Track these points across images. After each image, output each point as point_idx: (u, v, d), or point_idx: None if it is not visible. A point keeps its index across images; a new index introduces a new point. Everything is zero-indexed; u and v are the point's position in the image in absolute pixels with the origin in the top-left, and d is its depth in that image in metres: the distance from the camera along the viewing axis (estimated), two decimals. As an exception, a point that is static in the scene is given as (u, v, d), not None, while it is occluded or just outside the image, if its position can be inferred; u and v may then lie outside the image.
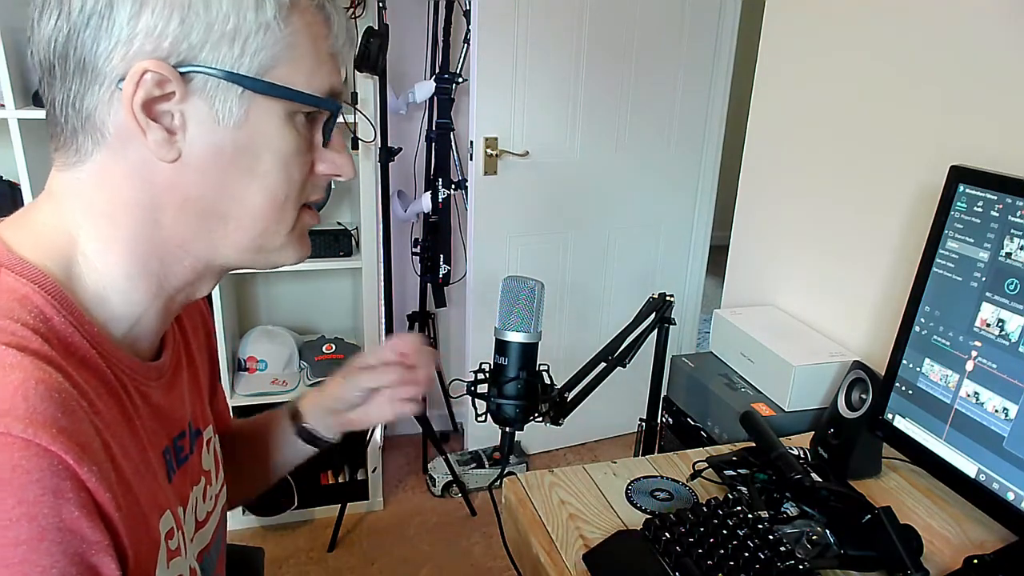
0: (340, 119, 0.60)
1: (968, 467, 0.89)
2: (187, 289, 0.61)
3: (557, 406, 0.94)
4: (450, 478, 2.45)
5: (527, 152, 2.36)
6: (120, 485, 0.50)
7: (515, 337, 0.83)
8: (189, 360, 0.72)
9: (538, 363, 0.87)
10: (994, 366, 0.86)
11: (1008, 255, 0.85)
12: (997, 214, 0.87)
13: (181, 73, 0.51)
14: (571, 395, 1.00)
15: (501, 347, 0.84)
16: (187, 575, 0.61)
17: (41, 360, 0.47)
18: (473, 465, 2.54)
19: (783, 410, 1.30)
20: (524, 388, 0.85)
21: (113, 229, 0.55)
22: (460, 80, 2.36)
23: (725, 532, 0.85)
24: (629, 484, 1.05)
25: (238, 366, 2.22)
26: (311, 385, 2.20)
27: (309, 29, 0.55)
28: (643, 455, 1.18)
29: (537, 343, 0.85)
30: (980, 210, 0.89)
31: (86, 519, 0.45)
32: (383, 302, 2.41)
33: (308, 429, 0.88)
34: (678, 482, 1.06)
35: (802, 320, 1.52)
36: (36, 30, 0.53)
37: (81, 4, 0.50)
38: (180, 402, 0.67)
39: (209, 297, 0.78)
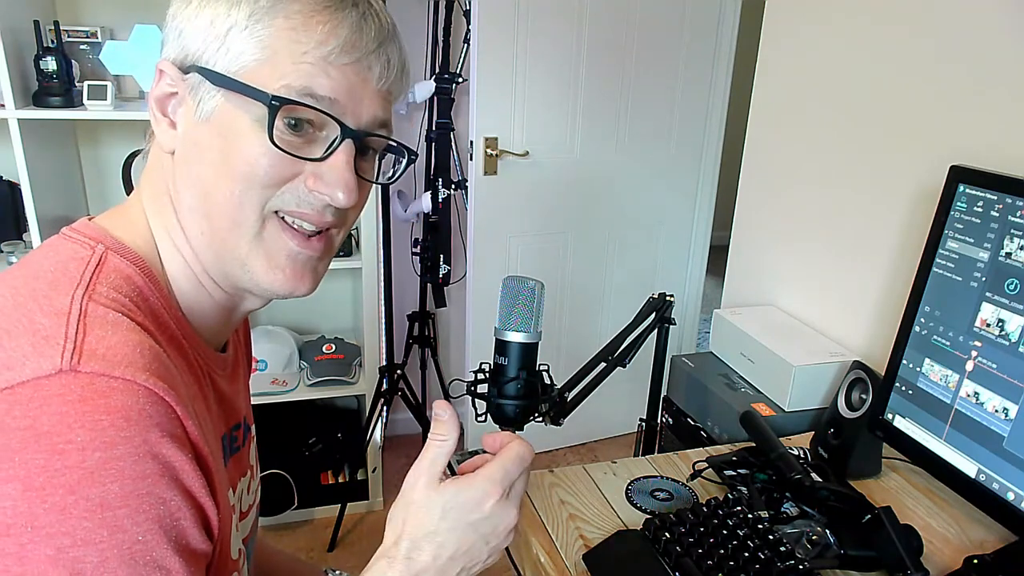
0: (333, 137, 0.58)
1: (968, 467, 0.89)
2: (230, 300, 0.65)
3: (557, 406, 0.94)
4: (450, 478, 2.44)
5: (527, 152, 2.36)
6: (206, 445, 0.55)
7: (515, 337, 0.83)
8: (243, 360, 0.77)
9: (538, 363, 0.87)
10: (994, 366, 0.86)
11: (1008, 255, 0.85)
12: (997, 214, 0.87)
13: (184, 73, 0.58)
14: (571, 395, 1.00)
15: (501, 347, 0.84)
16: (238, 553, 0.65)
17: (144, 331, 0.53)
18: (473, 465, 2.54)
19: (783, 410, 1.30)
20: (524, 388, 0.85)
21: (159, 216, 0.62)
22: (460, 80, 2.36)
23: (725, 532, 0.85)
24: (629, 484, 1.05)
25: (238, 366, 2.22)
26: (311, 385, 2.20)
27: (291, 32, 0.55)
28: (643, 455, 1.18)
29: (537, 343, 0.85)
30: (980, 210, 0.89)
31: (191, 464, 0.51)
32: (383, 302, 2.41)
33: None
34: (678, 482, 1.06)
35: (802, 320, 1.52)
36: None
37: (167, 23, 0.59)
38: (238, 395, 0.72)
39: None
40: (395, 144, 0.65)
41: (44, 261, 0.56)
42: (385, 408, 2.37)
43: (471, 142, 2.30)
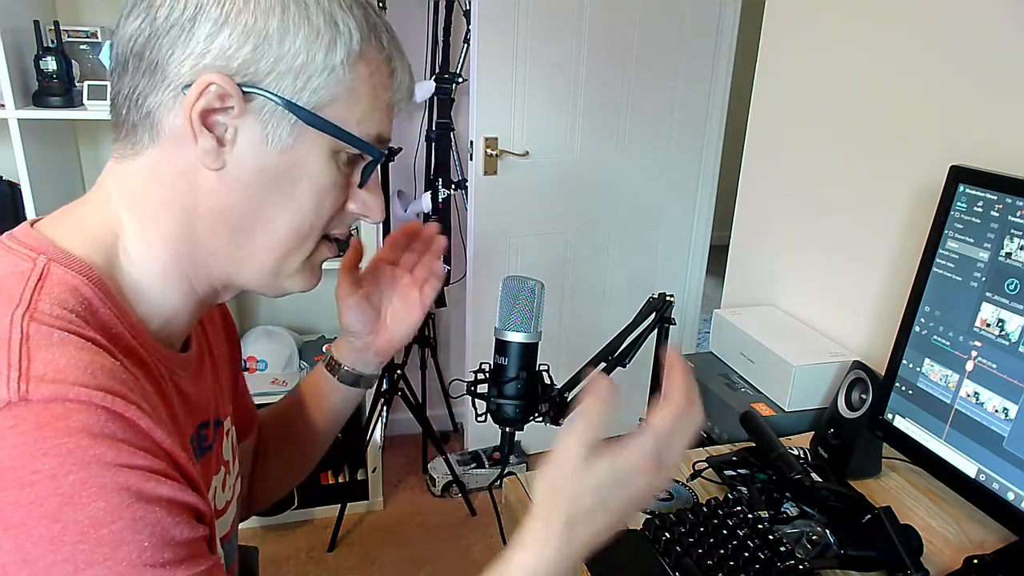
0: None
1: (968, 467, 0.89)
2: (212, 295, 0.65)
3: (557, 406, 0.94)
4: (450, 478, 2.45)
5: (527, 152, 2.37)
6: (180, 450, 0.54)
7: (515, 337, 0.83)
8: (210, 353, 0.75)
9: (538, 363, 0.87)
10: (994, 366, 0.86)
11: (1008, 255, 0.85)
12: (997, 214, 0.87)
13: (244, 92, 0.54)
14: (571, 395, 1.00)
15: (501, 347, 0.84)
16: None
17: (96, 346, 0.51)
18: (473, 465, 2.54)
19: (783, 410, 1.30)
20: (524, 388, 0.85)
21: (154, 225, 0.58)
22: (460, 80, 2.36)
23: (725, 532, 0.85)
24: (629, 484, 1.05)
25: (238, 366, 2.23)
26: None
27: (372, 78, 0.58)
28: (643, 455, 1.18)
29: (537, 343, 0.85)
30: (980, 210, 0.89)
31: (168, 470, 0.49)
32: (383, 302, 2.40)
33: (349, 370, 0.87)
34: (678, 482, 1.06)
35: (802, 320, 1.52)
36: (121, 26, 0.56)
37: (167, 13, 0.53)
38: (204, 393, 0.70)
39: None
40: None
41: None
42: (385, 408, 2.37)
43: (471, 142, 2.30)
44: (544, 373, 0.88)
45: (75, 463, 0.44)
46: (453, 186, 2.45)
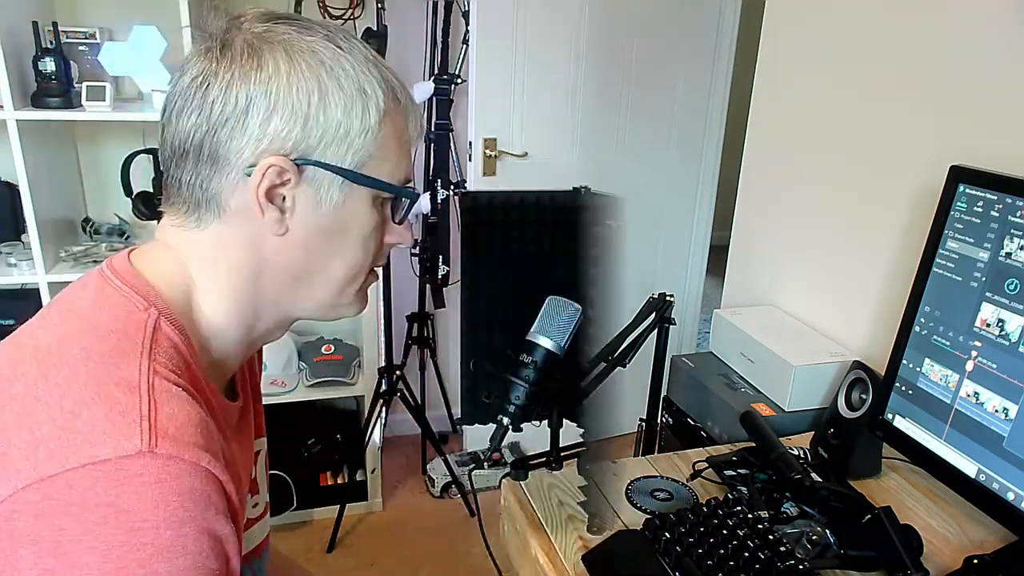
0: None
1: (968, 467, 0.89)
2: (266, 335, 0.71)
3: (566, 412, 0.96)
4: (449, 479, 2.45)
5: (526, 153, 2.36)
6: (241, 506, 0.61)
7: (545, 343, 0.87)
8: (253, 385, 0.82)
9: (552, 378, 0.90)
10: (994, 366, 0.86)
11: (1008, 255, 0.85)
12: (997, 214, 0.87)
13: (297, 165, 0.61)
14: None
15: (529, 347, 0.88)
16: None
17: (194, 401, 0.57)
18: (472, 466, 2.54)
19: (783, 410, 1.30)
20: (530, 393, 0.88)
21: (219, 284, 0.65)
22: (459, 81, 2.36)
23: (725, 532, 0.85)
24: (629, 484, 1.05)
25: (237, 367, 2.23)
26: (310, 386, 2.20)
27: (395, 128, 0.66)
28: (643, 455, 1.18)
29: (560, 359, 0.88)
30: (980, 210, 0.89)
31: (233, 534, 0.55)
32: (383, 303, 2.40)
33: None
34: (678, 482, 1.06)
35: (802, 320, 1.52)
36: (175, 123, 0.62)
37: (221, 108, 0.59)
38: (250, 436, 0.77)
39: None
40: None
41: (101, 315, 0.58)
42: (384, 409, 2.37)
43: (470, 143, 2.30)
44: (555, 378, 0.91)
45: (175, 520, 0.51)
46: (452, 187, 2.45)
